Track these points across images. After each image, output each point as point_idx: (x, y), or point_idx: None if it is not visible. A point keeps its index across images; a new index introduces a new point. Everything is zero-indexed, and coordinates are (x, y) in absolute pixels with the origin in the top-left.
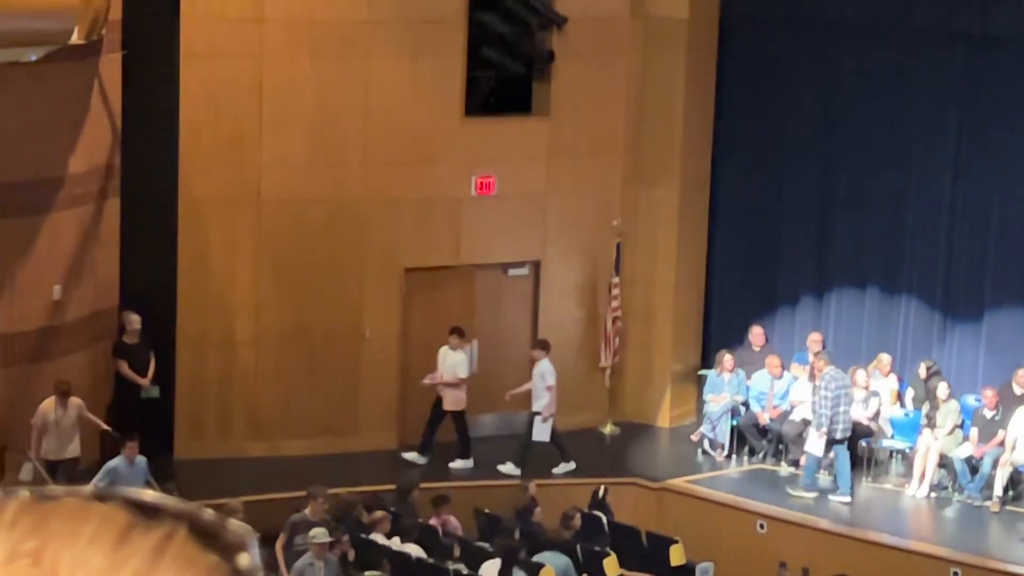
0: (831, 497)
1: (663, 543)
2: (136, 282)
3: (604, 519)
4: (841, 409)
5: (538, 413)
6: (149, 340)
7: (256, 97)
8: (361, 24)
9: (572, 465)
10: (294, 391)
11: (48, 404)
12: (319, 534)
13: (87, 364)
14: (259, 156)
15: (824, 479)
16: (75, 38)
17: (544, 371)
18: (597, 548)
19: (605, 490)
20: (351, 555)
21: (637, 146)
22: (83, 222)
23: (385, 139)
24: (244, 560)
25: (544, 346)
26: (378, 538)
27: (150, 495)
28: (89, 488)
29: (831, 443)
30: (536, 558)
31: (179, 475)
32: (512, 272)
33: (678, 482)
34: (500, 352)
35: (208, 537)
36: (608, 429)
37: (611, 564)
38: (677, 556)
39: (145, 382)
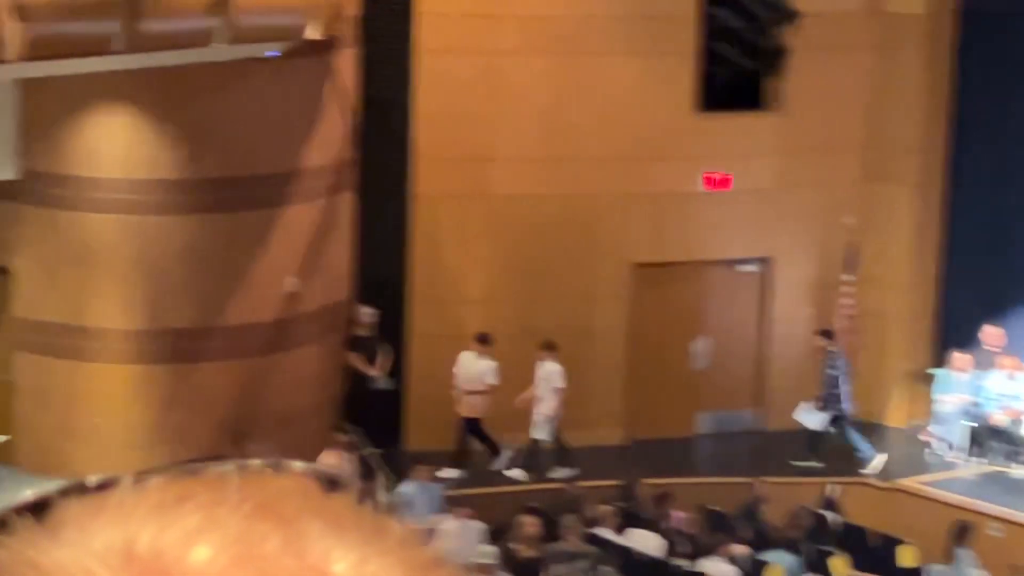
0: (863, 471)
1: (892, 544)
2: (369, 275)
3: (832, 518)
4: (845, 388)
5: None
6: (381, 333)
7: (489, 93)
8: (594, 20)
9: (517, 472)
10: (523, 385)
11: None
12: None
13: (319, 356)
14: (491, 151)
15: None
16: (312, 33)
17: (551, 373)
18: (825, 548)
19: (836, 490)
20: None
21: (871, 143)
22: (318, 216)
23: (617, 135)
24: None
25: (551, 347)
26: (605, 533)
27: (324, 467)
28: (259, 462)
29: (838, 419)
30: (763, 556)
31: (409, 467)
32: (742, 268)
33: (909, 482)
34: (729, 348)
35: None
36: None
37: (839, 564)
38: (906, 557)
39: (376, 373)
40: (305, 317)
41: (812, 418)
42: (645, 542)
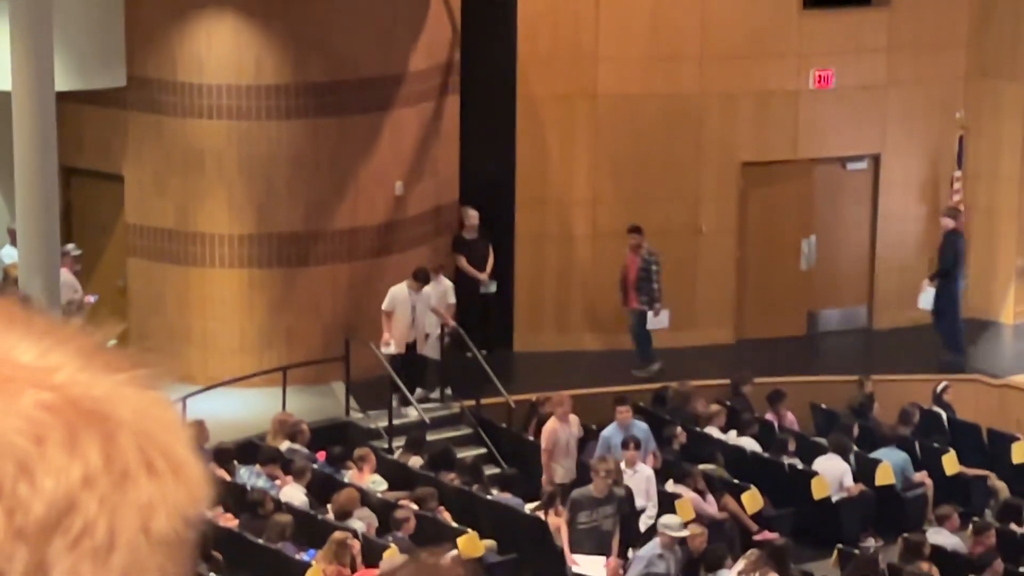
0: (637, 373)
1: (1005, 440)
2: (475, 178)
3: (944, 416)
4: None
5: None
6: (488, 235)
7: None
8: None
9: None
10: None
11: (552, 425)
12: (672, 524)
13: (427, 259)
14: (595, 52)
15: None
16: None
17: (446, 289)
18: (936, 445)
19: (946, 387)
20: (682, 438)
21: (981, 38)
22: (424, 119)
23: (722, 33)
24: None
25: (443, 267)
26: (712, 431)
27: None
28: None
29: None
30: (873, 454)
31: (518, 368)
32: (851, 166)
33: (1021, 379)
34: (838, 247)
35: None
36: None
37: (950, 461)
38: (1019, 454)
39: (484, 277)
40: (412, 220)
41: (660, 321)
42: (752, 440)
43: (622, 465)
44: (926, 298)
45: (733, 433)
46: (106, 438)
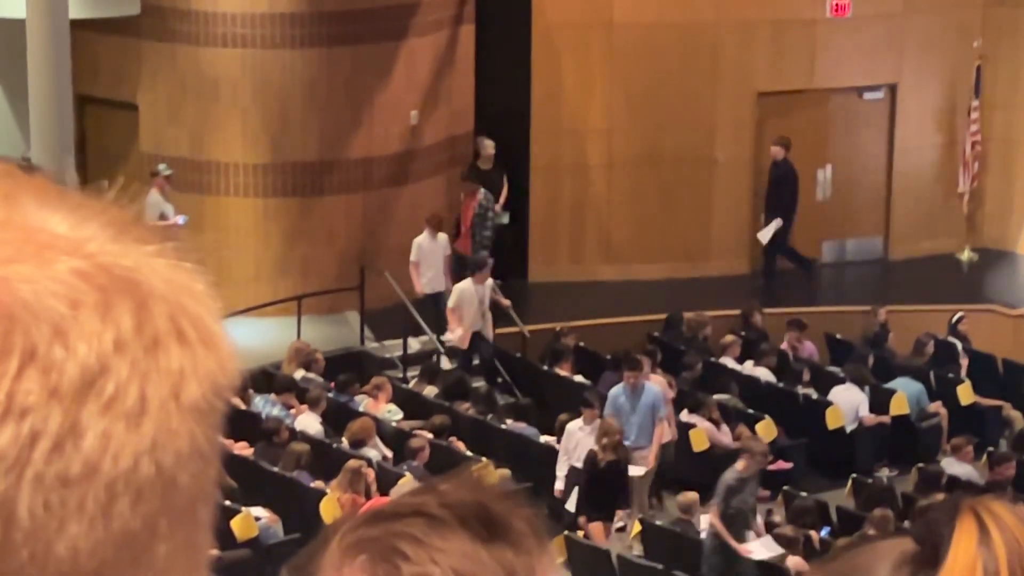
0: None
1: (1020, 371)
2: (490, 108)
3: (959, 346)
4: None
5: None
6: (503, 165)
7: None
8: None
9: None
10: (646, 216)
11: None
12: None
13: (442, 188)
14: None
15: None
16: None
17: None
18: (951, 375)
19: (961, 317)
20: (697, 368)
21: None
22: (439, 48)
23: None
24: None
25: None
26: (727, 362)
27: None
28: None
29: None
30: (888, 385)
31: (532, 298)
32: (867, 96)
33: None
34: (853, 177)
35: None
36: (965, 256)
37: (965, 391)
38: None
39: (497, 208)
40: (427, 150)
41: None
42: (767, 371)
43: (580, 422)
44: (767, 233)
45: (749, 363)
46: (138, 305)
